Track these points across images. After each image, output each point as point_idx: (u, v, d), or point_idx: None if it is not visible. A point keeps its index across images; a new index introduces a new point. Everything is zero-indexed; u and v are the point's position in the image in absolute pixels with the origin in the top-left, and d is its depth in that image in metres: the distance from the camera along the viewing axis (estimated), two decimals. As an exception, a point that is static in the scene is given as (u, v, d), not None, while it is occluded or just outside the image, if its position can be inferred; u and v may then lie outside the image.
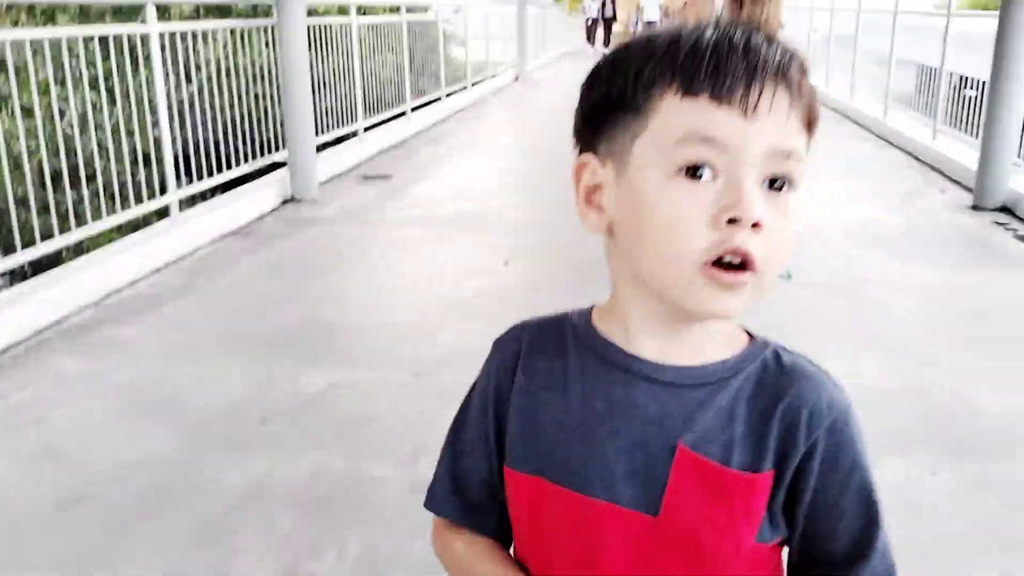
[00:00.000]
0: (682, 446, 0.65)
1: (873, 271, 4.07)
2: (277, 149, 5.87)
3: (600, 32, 22.64)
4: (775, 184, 0.62)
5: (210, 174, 5.14)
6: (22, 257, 3.58)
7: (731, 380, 0.67)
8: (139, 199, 4.40)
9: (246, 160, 5.55)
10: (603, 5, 22.04)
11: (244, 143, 5.51)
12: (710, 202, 0.60)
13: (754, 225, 0.60)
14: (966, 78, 7.32)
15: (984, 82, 7.33)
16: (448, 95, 10.44)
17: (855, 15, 9.82)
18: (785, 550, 0.71)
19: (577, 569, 0.69)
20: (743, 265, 0.61)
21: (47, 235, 3.73)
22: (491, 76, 13.09)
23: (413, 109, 9.06)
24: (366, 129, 7.59)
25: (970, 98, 7.25)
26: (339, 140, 7.19)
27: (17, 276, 4.02)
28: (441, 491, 0.78)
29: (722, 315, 0.64)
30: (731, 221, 0.60)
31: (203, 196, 5.24)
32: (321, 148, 6.86)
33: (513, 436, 0.72)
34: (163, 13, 5.79)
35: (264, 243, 4.70)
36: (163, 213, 4.67)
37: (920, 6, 9.59)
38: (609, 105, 0.66)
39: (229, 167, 5.43)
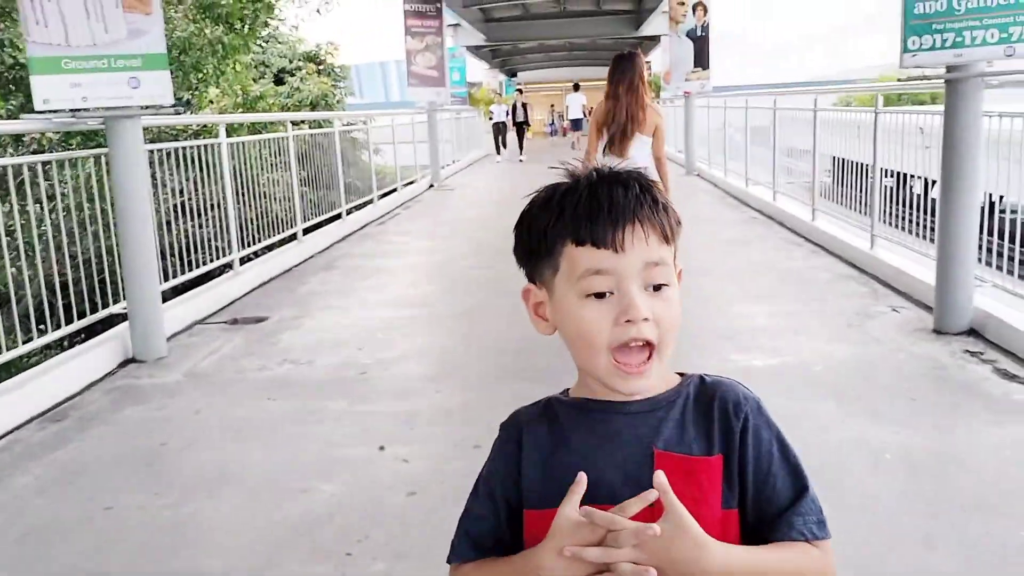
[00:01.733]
0: (657, 450, 0.94)
1: (824, 438, 3.20)
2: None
3: (512, 138, 21.38)
4: (657, 287, 0.93)
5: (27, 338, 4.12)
6: None
7: (676, 400, 0.98)
8: None
9: (68, 321, 4.54)
10: (512, 110, 21.08)
11: (76, 295, 4.53)
12: (611, 310, 0.92)
13: (644, 320, 0.91)
14: (885, 170, 6.81)
15: (902, 174, 6.88)
16: (350, 211, 9.63)
17: (770, 111, 9.42)
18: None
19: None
20: (647, 344, 0.92)
21: None
22: (403, 185, 12.37)
23: (306, 231, 8.18)
24: (243, 260, 6.66)
25: (889, 188, 6.72)
26: (211, 275, 6.25)
27: None
28: (460, 547, 1.03)
29: (631, 393, 0.95)
30: (628, 321, 0.91)
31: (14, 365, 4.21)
32: (187, 288, 5.91)
33: (533, 484, 0.98)
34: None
35: (75, 432, 3.66)
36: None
37: (825, 100, 9.23)
38: (533, 252, 0.99)
39: (57, 326, 4.44)
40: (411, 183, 13.06)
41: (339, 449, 3.34)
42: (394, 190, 11.87)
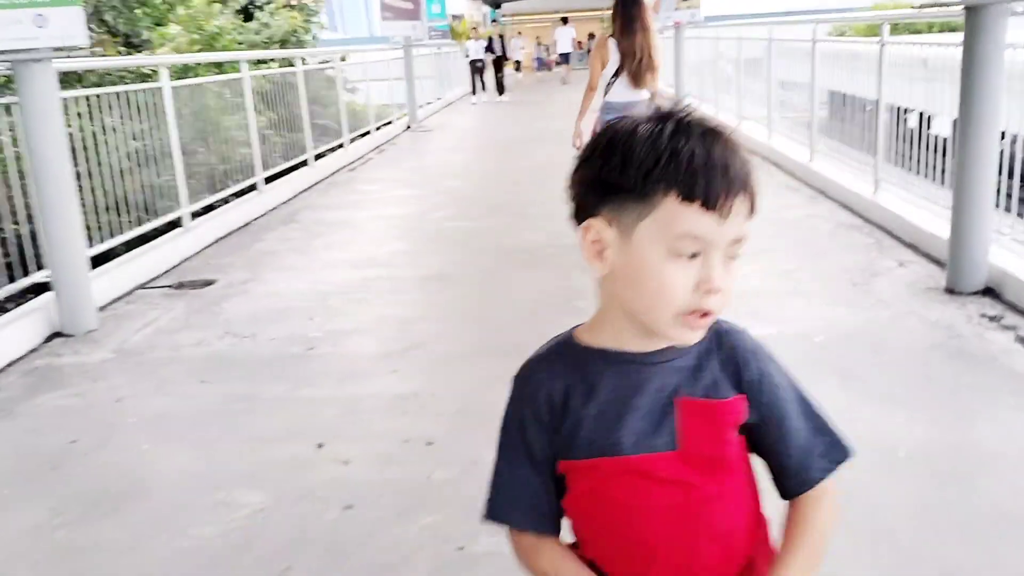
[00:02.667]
0: (680, 399, 0.94)
1: None
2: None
3: (490, 77, 19.68)
4: (732, 259, 0.91)
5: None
6: None
7: (693, 350, 0.96)
8: None
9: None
10: (489, 45, 19.52)
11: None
12: (692, 276, 0.88)
13: (718, 290, 0.89)
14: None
15: (903, 108, 6.36)
16: (319, 156, 9.05)
17: (764, 42, 8.81)
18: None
19: (622, 523, 0.95)
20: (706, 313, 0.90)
21: None
22: (376, 128, 11.75)
23: (269, 180, 7.64)
24: (195, 215, 6.14)
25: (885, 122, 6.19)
26: (158, 233, 5.73)
27: None
28: (513, 514, 1.01)
29: (686, 343, 0.93)
30: (707, 291, 0.88)
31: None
32: (133, 246, 5.40)
33: (566, 437, 0.97)
34: None
35: (-23, 425, 3.22)
36: None
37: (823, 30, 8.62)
38: (619, 187, 0.89)
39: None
40: (387, 124, 12.43)
41: (270, 448, 2.90)
42: (367, 133, 11.26)
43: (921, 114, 6.66)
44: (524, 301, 4.39)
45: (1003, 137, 4.18)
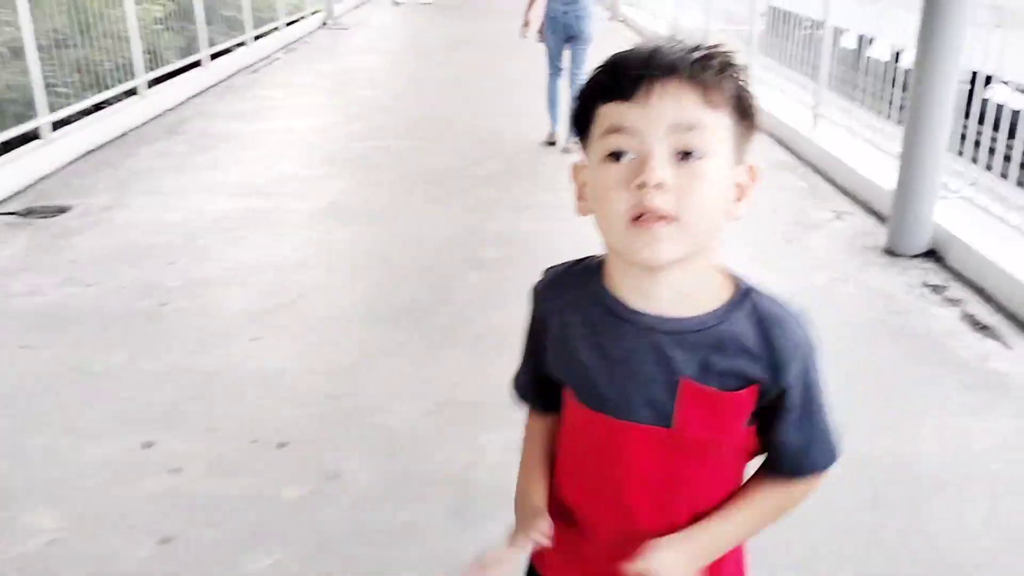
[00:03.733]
0: (685, 380, 0.83)
1: None
2: None
3: None
4: (687, 156, 0.78)
5: None
6: None
7: (720, 326, 0.83)
8: None
9: None
10: None
11: None
12: (628, 175, 0.79)
13: (658, 186, 0.77)
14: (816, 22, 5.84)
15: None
16: (216, 56, 8.17)
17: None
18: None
19: (602, 462, 0.89)
20: (663, 219, 0.78)
21: None
22: (287, 23, 10.76)
23: (152, 83, 6.80)
24: (58, 125, 5.35)
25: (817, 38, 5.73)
26: (11, 146, 4.96)
27: None
28: (528, 393, 1.01)
29: (652, 260, 0.80)
30: (640, 186, 0.77)
31: None
32: None
33: (555, 366, 0.92)
34: None
35: None
36: None
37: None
38: (577, 120, 0.85)
39: None
40: (299, 20, 11.42)
41: (85, 446, 2.37)
42: (275, 29, 10.29)
43: (861, 37, 6.22)
44: (427, 248, 3.87)
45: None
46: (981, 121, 3.81)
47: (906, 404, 2.58)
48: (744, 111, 0.81)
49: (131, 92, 6.47)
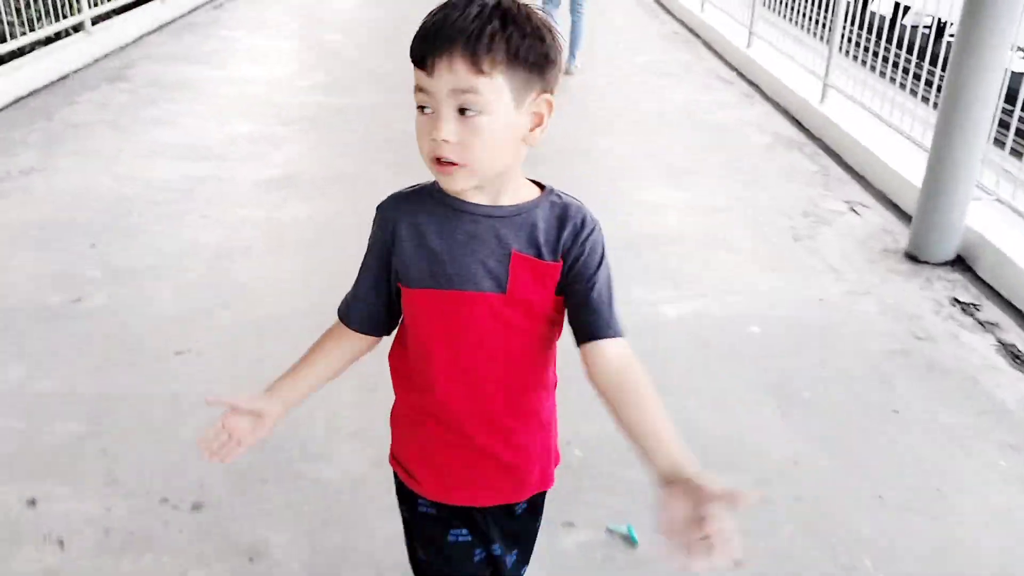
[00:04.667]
0: (515, 252, 1.06)
1: (759, 518, 2.03)
2: None
3: None
4: (465, 112, 0.98)
5: None
6: None
7: (535, 211, 1.08)
8: None
9: None
10: None
11: None
12: (428, 126, 1.00)
13: (444, 141, 0.98)
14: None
15: None
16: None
17: None
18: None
19: (451, 335, 1.10)
20: (452, 164, 1.00)
21: None
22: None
23: (101, 18, 6.18)
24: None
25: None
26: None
27: None
28: (346, 308, 1.21)
29: (451, 190, 1.05)
30: (431, 138, 0.99)
31: None
32: None
33: (407, 266, 1.10)
34: None
35: None
36: None
37: None
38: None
39: None
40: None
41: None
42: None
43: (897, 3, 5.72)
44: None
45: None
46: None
47: (938, 468, 2.18)
48: (527, 65, 0.98)
49: (77, 28, 5.86)
